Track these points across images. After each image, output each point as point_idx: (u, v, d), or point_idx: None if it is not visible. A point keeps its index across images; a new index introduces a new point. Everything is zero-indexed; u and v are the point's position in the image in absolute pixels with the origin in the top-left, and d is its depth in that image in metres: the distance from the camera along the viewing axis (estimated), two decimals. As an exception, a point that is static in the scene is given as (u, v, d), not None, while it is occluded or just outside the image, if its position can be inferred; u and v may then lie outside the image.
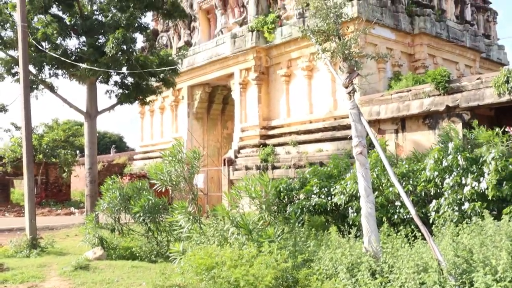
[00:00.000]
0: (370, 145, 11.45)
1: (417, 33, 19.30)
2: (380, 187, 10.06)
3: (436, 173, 8.99)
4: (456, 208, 8.39)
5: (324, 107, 18.71)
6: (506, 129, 9.43)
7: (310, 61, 18.90)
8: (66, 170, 31.34)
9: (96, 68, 16.96)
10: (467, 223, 7.62)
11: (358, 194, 8.42)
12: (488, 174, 8.15)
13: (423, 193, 9.44)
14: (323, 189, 11.46)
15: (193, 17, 25.20)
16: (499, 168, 7.97)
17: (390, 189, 9.76)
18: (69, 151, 31.19)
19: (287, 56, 20.00)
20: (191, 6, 25.04)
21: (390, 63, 18.54)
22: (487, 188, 8.02)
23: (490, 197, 7.96)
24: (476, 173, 8.41)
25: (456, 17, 22.45)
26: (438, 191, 9.07)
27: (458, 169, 8.56)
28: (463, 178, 8.46)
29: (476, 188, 8.18)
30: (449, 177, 8.69)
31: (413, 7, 19.84)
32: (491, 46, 25.03)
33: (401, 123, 15.90)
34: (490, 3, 26.33)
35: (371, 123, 16.24)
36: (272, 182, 10.08)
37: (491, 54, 24.80)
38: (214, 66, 22.77)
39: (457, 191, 8.44)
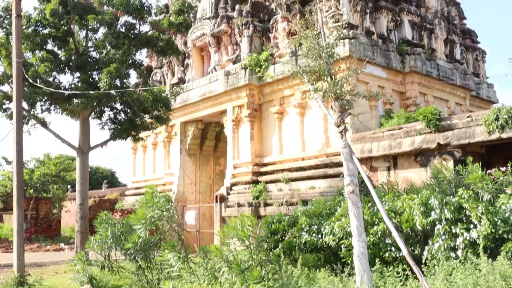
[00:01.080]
0: (362, 183, 11.46)
1: (408, 71, 19.58)
2: (368, 225, 10.01)
3: (425, 220, 8.97)
4: (451, 253, 8.35)
5: (316, 144, 18.78)
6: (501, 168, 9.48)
7: (303, 98, 19.06)
8: (57, 205, 31.07)
9: (89, 108, 17.00)
10: (460, 261, 7.58)
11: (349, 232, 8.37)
12: (479, 221, 8.15)
13: (409, 230, 9.36)
14: (313, 227, 11.40)
15: (187, 54, 25.47)
16: (490, 221, 7.98)
17: (375, 228, 9.70)
18: (60, 186, 30.99)
19: (280, 94, 20.17)
20: (185, 43, 25.33)
21: (381, 101, 18.73)
22: (478, 238, 8.01)
23: (481, 246, 7.93)
24: (465, 222, 8.42)
25: (446, 56, 22.81)
26: (427, 228, 9.02)
27: (446, 220, 8.55)
28: (452, 227, 8.46)
29: (468, 238, 8.16)
30: (439, 224, 8.66)
31: (403, 46, 20.17)
32: (481, 84, 25.38)
33: (393, 160, 15.96)
34: (479, 42, 26.79)
35: (363, 160, 16.30)
36: (264, 218, 10.03)
37: (481, 92, 25.12)
38: (207, 102, 22.90)
39: (449, 239, 8.42)
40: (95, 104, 17.20)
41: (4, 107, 18.23)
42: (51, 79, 18.05)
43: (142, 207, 11.69)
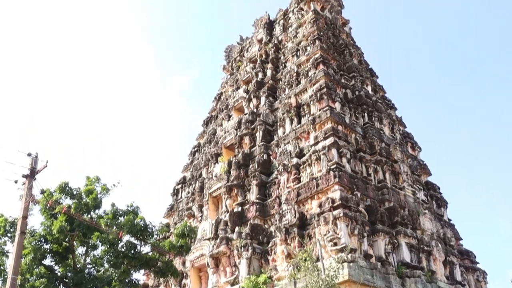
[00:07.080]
0: None
1: (409, 295, 19.26)
2: None
3: None
4: None
5: None
6: None
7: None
8: None
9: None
10: None
11: None
12: None
13: None
14: None
15: (184, 274, 25.22)
16: None
17: None
18: None
19: (280, 316, 19.51)
20: (183, 263, 25.26)
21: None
22: None
23: None
24: None
25: (447, 278, 22.58)
26: None
27: None
28: None
29: None
30: None
31: (403, 268, 20.13)
32: (487, 306, 24.71)
33: None
34: (478, 262, 26.74)
35: None
36: None
37: (489, 313, 24.33)
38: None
39: None
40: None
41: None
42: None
43: None
